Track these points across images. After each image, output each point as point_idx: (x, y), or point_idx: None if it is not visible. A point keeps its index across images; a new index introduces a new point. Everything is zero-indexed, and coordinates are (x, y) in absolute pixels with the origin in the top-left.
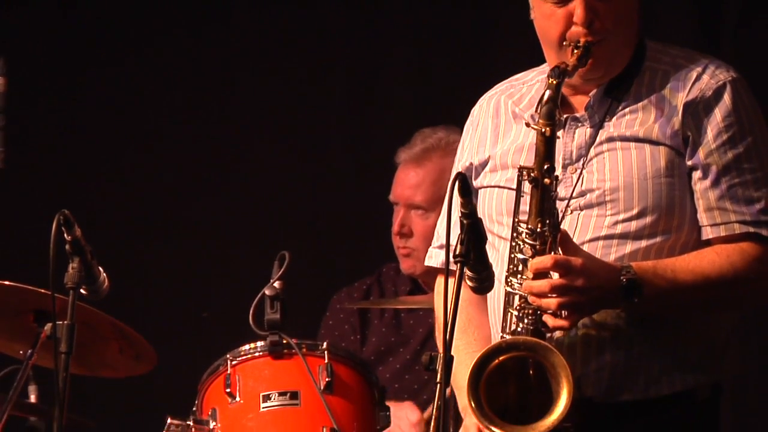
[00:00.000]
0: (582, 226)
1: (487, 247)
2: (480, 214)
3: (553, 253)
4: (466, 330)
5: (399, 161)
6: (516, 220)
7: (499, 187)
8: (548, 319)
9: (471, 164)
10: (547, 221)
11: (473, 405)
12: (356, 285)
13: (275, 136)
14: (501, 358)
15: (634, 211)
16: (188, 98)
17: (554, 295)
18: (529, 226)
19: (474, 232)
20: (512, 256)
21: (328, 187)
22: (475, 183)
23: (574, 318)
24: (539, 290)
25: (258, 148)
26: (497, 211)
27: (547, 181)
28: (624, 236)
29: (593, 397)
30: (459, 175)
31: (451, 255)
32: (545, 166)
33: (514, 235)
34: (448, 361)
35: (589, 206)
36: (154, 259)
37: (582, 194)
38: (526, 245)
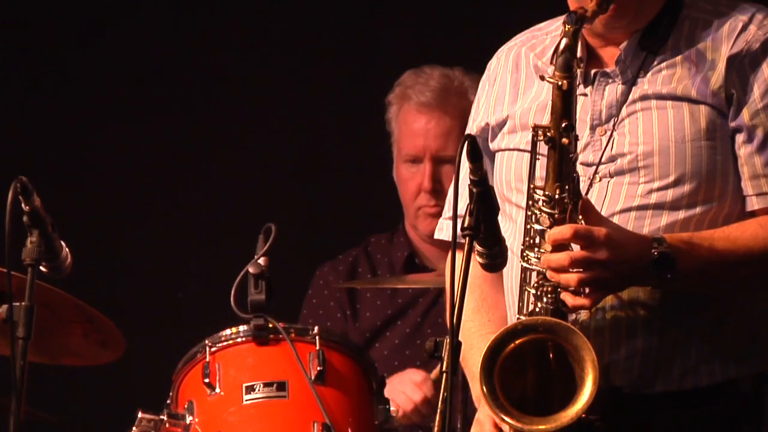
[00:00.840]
0: (612, 196)
1: (504, 218)
2: (497, 181)
3: (573, 222)
4: (479, 310)
5: (403, 110)
6: (531, 186)
7: (518, 150)
8: (567, 297)
9: (487, 124)
10: (567, 187)
11: (487, 394)
12: (340, 258)
13: (259, 103)
14: (517, 342)
15: (671, 179)
16: (164, 67)
17: (575, 270)
18: (546, 193)
19: (484, 202)
20: (528, 226)
21: (316, 158)
22: (492, 146)
23: (597, 296)
24: (558, 264)
25: (242, 114)
26: (516, 177)
27: (565, 141)
28: (659, 207)
29: (622, 387)
30: (468, 137)
31: (458, 228)
32: (563, 124)
33: (530, 203)
34: (456, 347)
35: (620, 173)
36: (123, 233)
37: (612, 159)
38: (543, 214)
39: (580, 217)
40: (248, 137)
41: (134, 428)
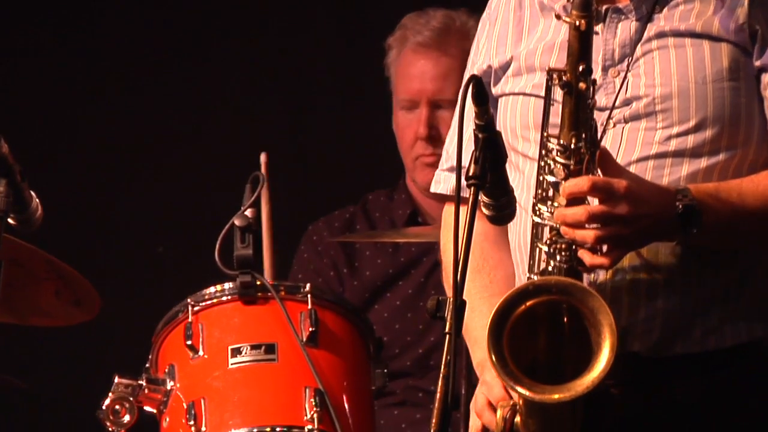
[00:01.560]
0: (627, 143)
1: (510, 169)
2: (500, 129)
3: (590, 174)
4: (481, 270)
5: (401, 53)
6: (545, 134)
7: (524, 94)
8: (585, 256)
9: (489, 67)
10: (583, 135)
11: (495, 361)
12: (336, 214)
13: (249, 45)
14: (528, 304)
15: (691, 123)
16: (146, 8)
17: (593, 226)
18: (561, 142)
19: (491, 149)
20: (540, 178)
21: (311, 105)
22: (494, 90)
23: (616, 254)
24: (574, 219)
25: (231, 54)
26: (522, 124)
27: (582, 85)
28: (679, 154)
29: (640, 352)
30: (472, 78)
31: (462, 177)
32: (580, 68)
33: (543, 153)
34: (460, 306)
35: (635, 117)
36: (98, 182)
37: (627, 103)
38: (558, 165)
39: (598, 169)
40: (237, 81)
41: (110, 394)
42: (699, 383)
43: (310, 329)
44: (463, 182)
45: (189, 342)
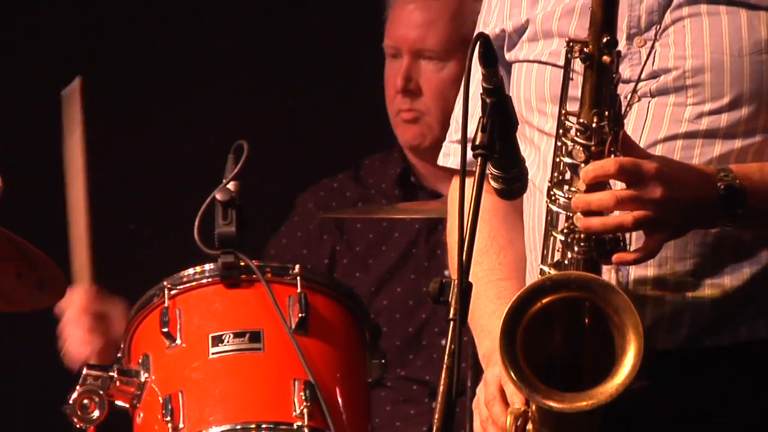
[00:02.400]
0: (654, 120)
1: (524, 143)
2: (515, 98)
3: (613, 156)
4: (488, 251)
5: None
6: (563, 111)
7: (540, 62)
8: (624, 254)
9: (503, 31)
10: (606, 113)
11: (507, 364)
12: (324, 182)
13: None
14: (544, 301)
15: (725, 100)
16: None
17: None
18: (581, 120)
19: (500, 115)
20: (557, 159)
21: (300, 61)
22: (508, 56)
23: (656, 238)
24: (600, 205)
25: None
26: (538, 95)
27: (606, 59)
28: (711, 134)
29: (667, 350)
30: (480, 36)
31: (468, 147)
32: (604, 39)
33: (561, 132)
34: (465, 289)
35: (663, 92)
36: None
37: (654, 75)
38: (577, 146)
39: (620, 151)
40: (217, 37)
41: (78, 387)
42: (730, 376)
43: (300, 315)
44: (470, 154)
45: (165, 329)
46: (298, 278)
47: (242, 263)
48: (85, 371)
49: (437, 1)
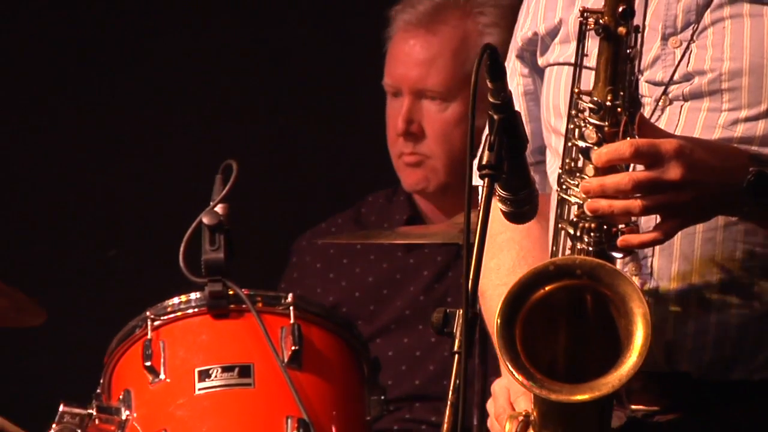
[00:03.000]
0: (686, 124)
1: (551, 154)
2: (543, 104)
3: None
4: (515, 270)
5: (395, 29)
6: (576, 91)
7: (570, 64)
8: (629, 236)
9: (535, 34)
10: (621, 92)
11: (505, 354)
12: (323, 226)
13: (219, 31)
14: (548, 288)
15: (763, 107)
16: None
17: (638, 196)
18: (594, 99)
19: (508, 133)
20: (569, 144)
21: (296, 81)
22: (540, 62)
23: (671, 224)
24: (615, 188)
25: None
26: (566, 100)
27: (621, 30)
28: (746, 141)
29: (690, 373)
30: (487, 47)
31: (475, 166)
32: (620, 8)
33: (573, 113)
34: (471, 320)
35: (697, 96)
36: (39, 172)
37: (687, 78)
38: (590, 127)
39: (636, 134)
40: (205, 55)
41: (54, 426)
42: (759, 415)
43: (293, 348)
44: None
45: (148, 363)
46: (291, 308)
47: (231, 292)
48: (62, 408)
49: (438, 36)
